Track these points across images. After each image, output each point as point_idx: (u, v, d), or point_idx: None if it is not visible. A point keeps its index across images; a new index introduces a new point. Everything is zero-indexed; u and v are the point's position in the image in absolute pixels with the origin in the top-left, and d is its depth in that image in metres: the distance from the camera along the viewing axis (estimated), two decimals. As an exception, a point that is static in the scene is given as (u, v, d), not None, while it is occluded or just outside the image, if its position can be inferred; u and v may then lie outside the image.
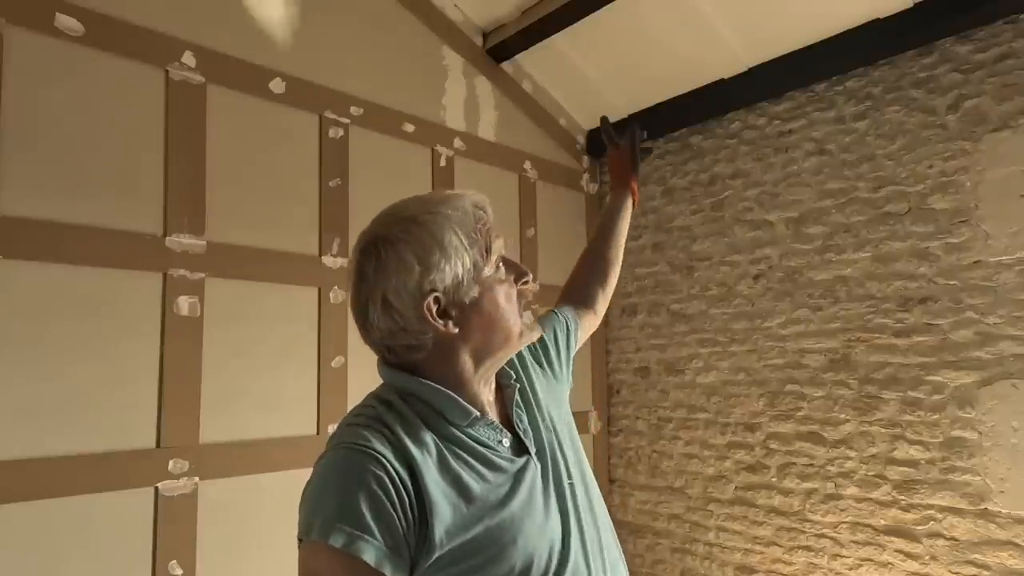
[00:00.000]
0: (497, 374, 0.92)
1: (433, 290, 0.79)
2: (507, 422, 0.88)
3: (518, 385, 0.92)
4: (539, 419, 0.91)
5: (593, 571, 0.83)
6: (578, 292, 1.24)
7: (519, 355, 0.99)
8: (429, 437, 0.79)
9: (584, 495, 0.89)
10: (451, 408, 0.81)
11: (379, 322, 0.81)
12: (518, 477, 0.82)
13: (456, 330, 0.81)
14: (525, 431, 0.88)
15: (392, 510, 0.71)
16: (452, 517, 0.74)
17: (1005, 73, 2.08)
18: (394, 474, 0.72)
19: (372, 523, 0.69)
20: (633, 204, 1.36)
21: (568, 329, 1.14)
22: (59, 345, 1.73)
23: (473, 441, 0.81)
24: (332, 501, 0.71)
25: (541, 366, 1.04)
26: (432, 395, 0.81)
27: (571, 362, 1.13)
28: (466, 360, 0.84)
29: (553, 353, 1.08)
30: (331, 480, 0.74)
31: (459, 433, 0.81)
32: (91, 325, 1.78)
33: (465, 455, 0.80)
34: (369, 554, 0.69)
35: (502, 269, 0.86)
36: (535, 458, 0.86)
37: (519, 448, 0.86)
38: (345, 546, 0.68)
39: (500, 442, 0.84)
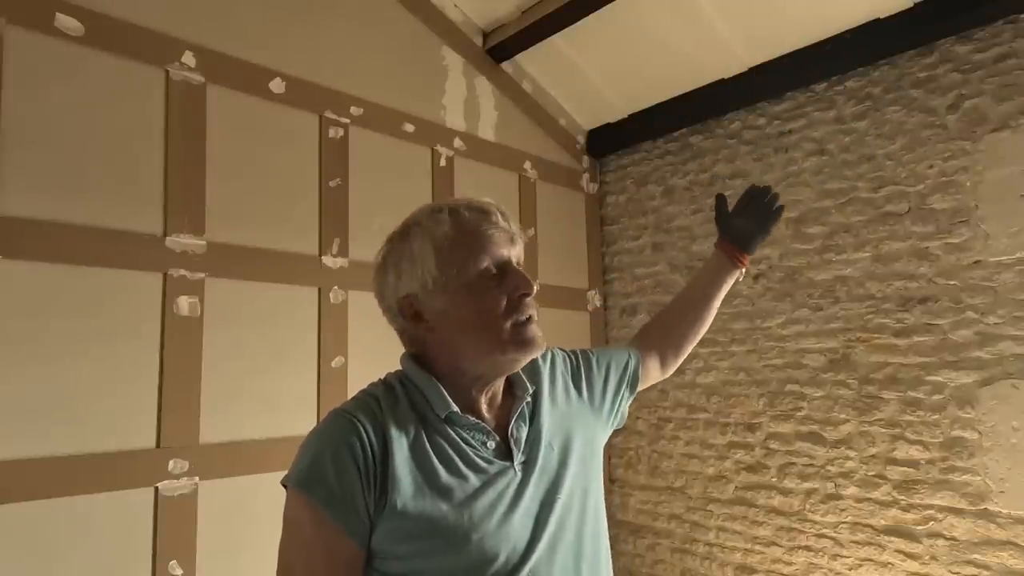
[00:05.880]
0: (513, 383, 0.94)
1: (407, 295, 0.88)
2: (505, 427, 0.90)
3: (528, 399, 0.93)
4: (543, 436, 0.92)
5: None
6: (655, 339, 1.21)
7: (551, 371, 1.01)
8: (412, 419, 0.85)
9: (573, 517, 0.89)
10: (434, 397, 0.86)
11: (387, 316, 0.93)
12: (492, 480, 0.84)
13: (433, 334, 0.88)
14: (517, 440, 0.89)
15: (356, 471, 0.79)
16: (413, 494, 0.79)
17: (1005, 73, 2.08)
18: (367, 442, 0.80)
19: (333, 479, 0.78)
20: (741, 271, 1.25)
21: (628, 368, 1.12)
22: (59, 345, 1.73)
23: (455, 435, 0.85)
24: (308, 457, 0.81)
25: (579, 391, 1.03)
26: (423, 383, 0.88)
27: (620, 400, 1.10)
28: (455, 361, 0.88)
29: (599, 384, 1.07)
30: (313, 439, 0.83)
31: (442, 424, 0.86)
32: (91, 325, 1.78)
33: (443, 444, 0.84)
34: (326, 505, 0.78)
35: (490, 279, 0.86)
36: (518, 468, 0.87)
37: (506, 454, 0.88)
38: (308, 495, 0.79)
39: (485, 444, 0.87)
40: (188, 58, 2.00)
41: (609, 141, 3.23)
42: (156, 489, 1.83)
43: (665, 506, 2.92)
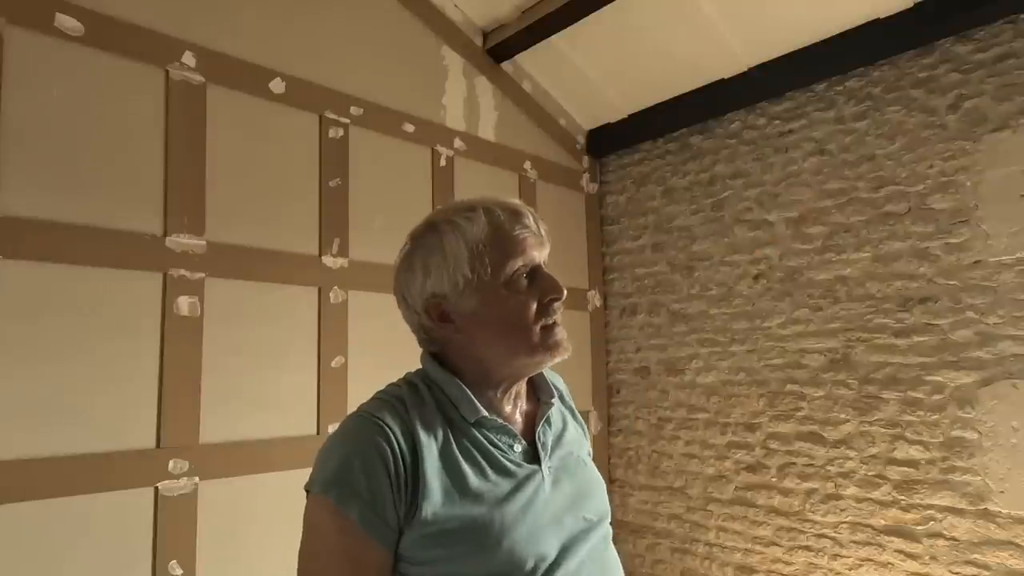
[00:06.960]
0: (538, 388, 0.94)
1: (435, 295, 0.85)
2: (530, 431, 0.89)
3: (554, 403, 0.93)
4: (565, 443, 0.92)
5: None
6: None
7: (561, 399, 0.99)
8: (439, 423, 0.83)
9: (598, 538, 0.87)
10: (461, 400, 0.84)
11: (405, 314, 0.91)
12: (521, 484, 0.82)
13: (460, 335, 0.85)
14: (544, 444, 0.89)
15: (386, 478, 0.76)
16: (443, 501, 0.77)
17: (1005, 73, 2.08)
18: (396, 447, 0.77)
19: (363, 486, 0.75)
20: None
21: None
22: (59, 345, 1.73)
23: (482, 438, 0.84)
24: (335, 461, 0.77)
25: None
26: (448, 385, 0.86)
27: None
28: (479, 362, 0.87)
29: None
30: (339, 442, 0.80)
31: (469, 426, 0.84)
32: (91, 325, 1.78)
33: (471, 447, 0.82)
34: (354, 512, 0.75)
35: (522, 282, 0.85)
36: (546, 472, 0.86)
37: (533, 458, 0.87)
38: (336, 502, 0.75)
39: (511, 446, 0.86)
40: (188, 58, 2.00)
41: (609, 141, 3.23)
42: (156, 489, 1.83)
43: (665, 506, 2.92)
